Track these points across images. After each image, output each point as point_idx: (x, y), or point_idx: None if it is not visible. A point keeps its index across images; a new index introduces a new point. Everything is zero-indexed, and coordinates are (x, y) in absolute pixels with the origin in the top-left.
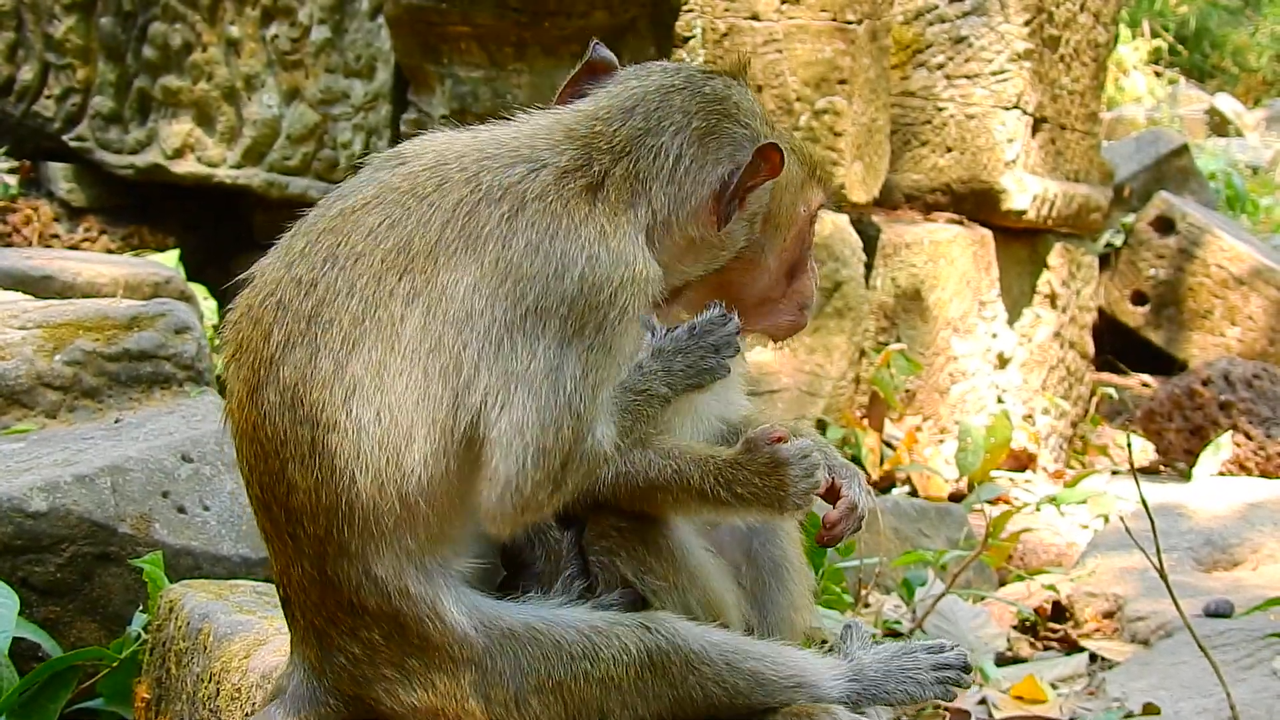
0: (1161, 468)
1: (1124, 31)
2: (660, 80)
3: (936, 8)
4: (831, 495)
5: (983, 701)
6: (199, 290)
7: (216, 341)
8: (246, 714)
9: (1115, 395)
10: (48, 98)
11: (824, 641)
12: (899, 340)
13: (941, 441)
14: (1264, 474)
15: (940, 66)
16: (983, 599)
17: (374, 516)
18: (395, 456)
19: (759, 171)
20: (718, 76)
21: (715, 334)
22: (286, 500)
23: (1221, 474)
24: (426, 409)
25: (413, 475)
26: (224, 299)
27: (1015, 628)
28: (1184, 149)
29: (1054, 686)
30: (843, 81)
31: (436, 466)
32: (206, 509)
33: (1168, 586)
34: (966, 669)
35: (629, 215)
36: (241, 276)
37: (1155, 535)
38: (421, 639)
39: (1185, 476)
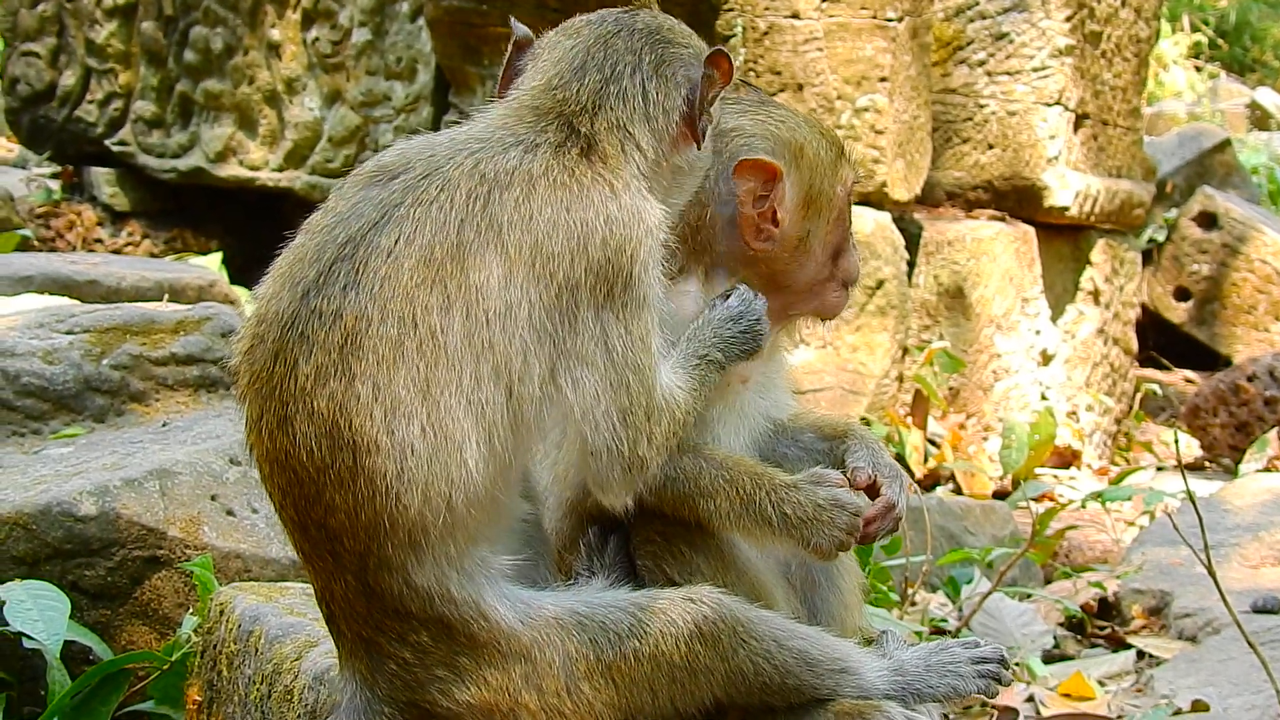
0: (1207, 464)
1: (1164, 26)
2: (593, 31)
3: (977, 4)
4: (871, 493)
5: (1030, 699)
6: (242, 293)
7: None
8: (299, 715)
9: (1159, 391)
10: (90, 103)
11: (868, 642)
12: (942, 338)
13: (985, 439)
14: None
15: (981, 63)
16: (1029, 596)
17: (420, 529)
18: (444, 469)
19: (715, 82)
20: (639, 11)
21: (747, 307)
22: (325, 520)
23: (1267, 469)
24: (477, 412)
25: (462, 484)
26: None
27: (1062, 625)
28: (1226, 144)
29: (1101, 684)
30: (884, 79)
31: (489, 468)
32: (255, 511)
33: (1215, 582)
34: (1005, 663)
35: (629, 168)
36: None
37: (1203, 531)
38: (469, 638)
39: (1230, 472)
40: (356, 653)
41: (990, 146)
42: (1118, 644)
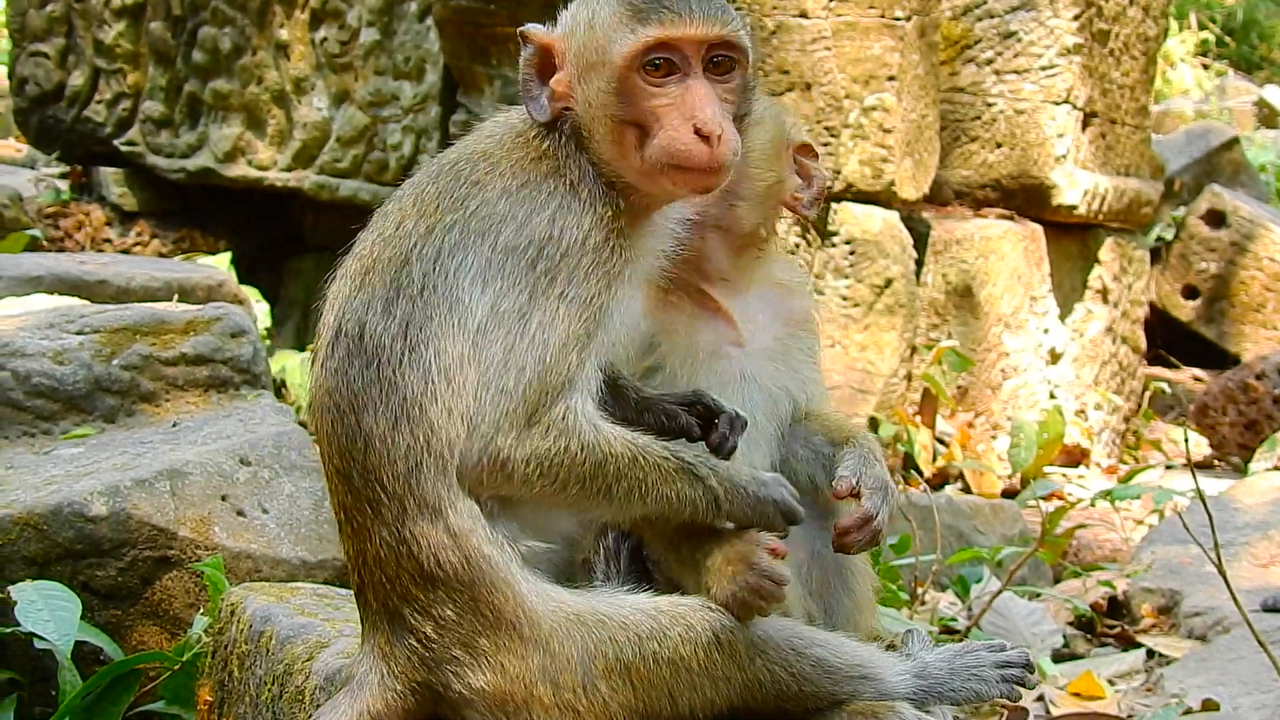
0: (1216, 462)
1: (1171, 24)
2: None
3: (985, 3)
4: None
5: (1040, 698)
6: (251, 293)
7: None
8: (310, 716)
9: (1168, 390)
10: (98, 103)
11: (890, 645)
12: (950, 336)
13: (994, 438)
14: None
15: (989, 62)
16: (1039, 595)
17: (448, 448)
18: (460, 389)
19: (526, 60)
20: None
21: (778, 484)
22: (365, 458)
23: (1277, 468)
24: (459, 341)
25: (478, 408)
26: (276, 301)
27: (1072, 624)
28: (1234, 142)
29: (1111, 683)
30: (891, 78)
31: None
32: (265, 512)
33: (1225, 581)
34: (1030, 667)
35: (581, 158)
36: None
37: (1213, 529)
38: (494, 611)
39: (1240, 470)
40: (379, 625)
41: (998, 145)
42: (1127, 643)
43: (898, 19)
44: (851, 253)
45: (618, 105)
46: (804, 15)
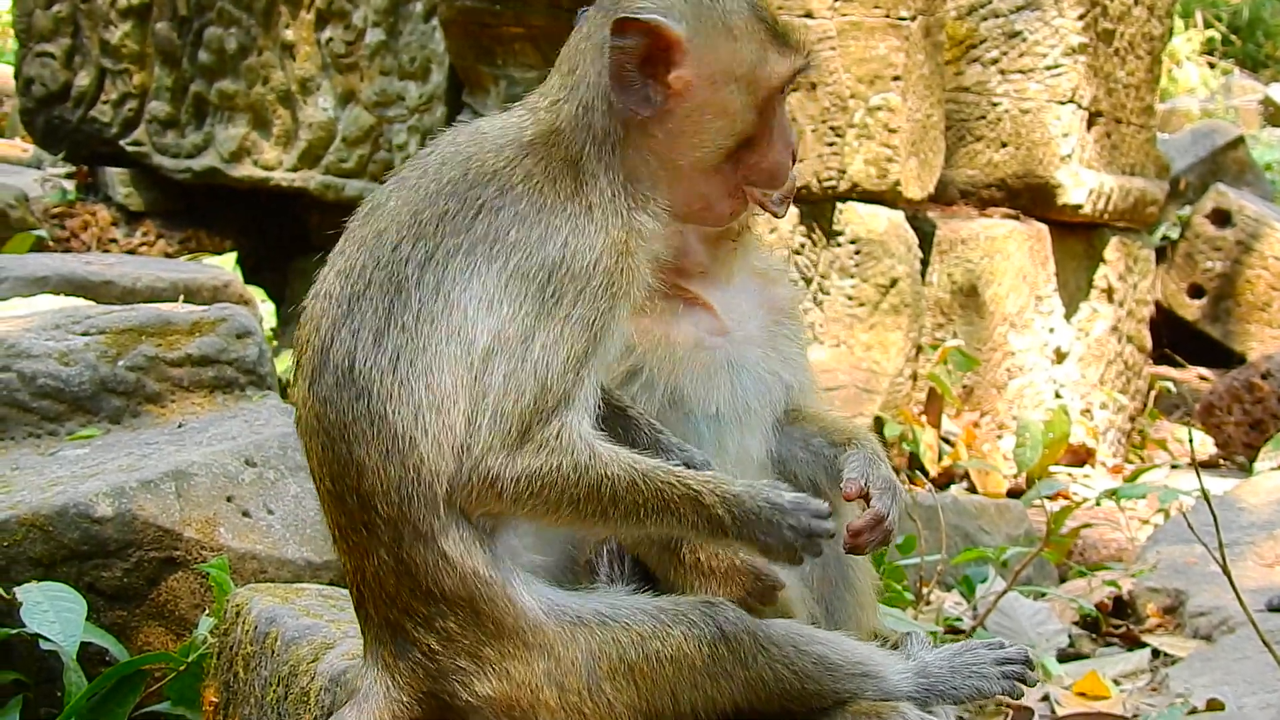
0: (1221, 461)
1: (1177, 23)
2: (582, 29)
3: (990, 3)
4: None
5: (1045, 698)
6: (256, 293)
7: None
8: (315, 717)
9: (1173, 389)
10: (104, 103)
11: (893, 645)
12: (956, 336)
13: (1000, 437)
14: None
15: (994, 61)
16: (1044, 595)
17: (437, 479)
18: (449, 419)
19: (627, 50)
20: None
21: (806, 510)
22: (358, 486)
23: None
24: (456, 371)
25: (467, 439)
26: (281, 302)
27: (1077, 624)
28: (1240, 141)
29: (1116, 683)
30: (897, 78)
31: None
32: (271, 513)
33: (1230, 580)
34: (1029, 664)
35: (608, 176)
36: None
37: (1217, 529)
38: (496, 624)
39: (1245, 470)
40: (382, 638)
41: (1003, 145)
42: (1133, 643)
43: (903, 19)
44: (857, 252)
45: (753, 121)
46: (809, 15)
